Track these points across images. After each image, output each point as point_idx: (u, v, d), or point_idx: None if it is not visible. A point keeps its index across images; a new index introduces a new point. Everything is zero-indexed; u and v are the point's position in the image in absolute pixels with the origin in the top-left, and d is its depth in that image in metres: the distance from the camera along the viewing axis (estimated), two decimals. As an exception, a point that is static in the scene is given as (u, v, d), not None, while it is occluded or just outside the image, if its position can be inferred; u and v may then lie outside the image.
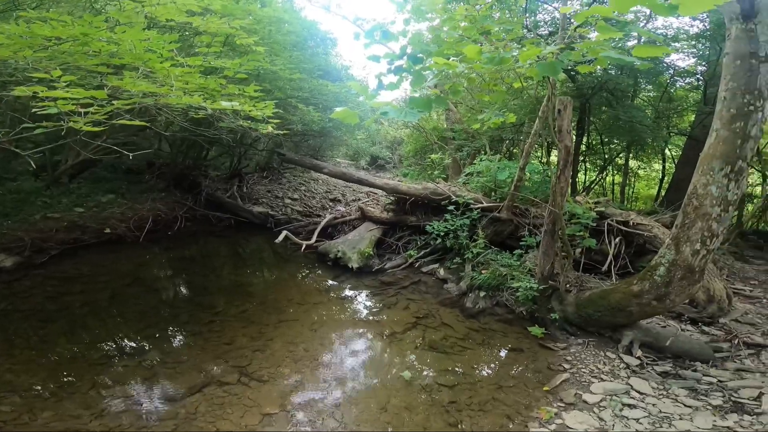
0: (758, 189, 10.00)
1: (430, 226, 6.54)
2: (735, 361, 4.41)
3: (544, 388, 3.85)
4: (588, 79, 8.23)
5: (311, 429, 3.14)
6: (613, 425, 3.37)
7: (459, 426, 3.31)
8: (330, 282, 6.17)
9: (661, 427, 3.36)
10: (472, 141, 9.27)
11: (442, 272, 6.38)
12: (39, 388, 3.38)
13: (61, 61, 2.65)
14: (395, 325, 4.89)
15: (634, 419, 3.45)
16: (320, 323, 4.85)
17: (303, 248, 6.54)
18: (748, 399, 3.76)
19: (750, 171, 9.32)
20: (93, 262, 6.11)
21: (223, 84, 3.41)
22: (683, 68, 9.19)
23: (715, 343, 4.66)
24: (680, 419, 3.45)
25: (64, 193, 7.23)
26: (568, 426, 3.34)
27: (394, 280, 6.24)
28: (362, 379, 3.88)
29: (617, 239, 5.65)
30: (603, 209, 5.95)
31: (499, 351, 4.54)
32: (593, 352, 4.47)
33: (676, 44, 8.47)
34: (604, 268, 5.59)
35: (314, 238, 6.99)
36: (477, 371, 4.12)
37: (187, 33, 5.37)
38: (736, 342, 4.67)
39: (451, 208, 6.44)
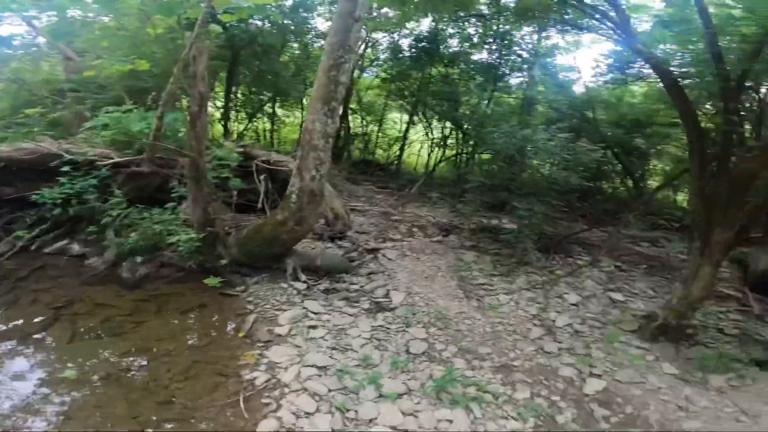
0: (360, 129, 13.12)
1: (39, 195, 5.01)
2: (365, 267, 5.43)
3: (240, 335, 3.91)
4: (243, 34, 8.33)
5: None
6: (308, 348, 3.71)
7: (173, 400, 3.04)
8: None
9: (342, 339, 3.90)
10: (102, 91, 7.60)
11: (76, 247, 5.17)
12: None
13: None
14: (25, 327, 3.83)
15: (321, 338, 3.89)
16: None
17: None
18: (382, 298, 4.72)
19: (356, 115, 12.28)
20: None
21: None
22: (322, 31, 10.60)
23: (348, 254, 5.70)
24: (351, 327, 4.09)
25: None
26: (275, 362, 3.52)
27: (4, 273, 4.65)
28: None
29: (263, 177, 6.22)
30: (248, 150, 6.33)
31: (182, 313, 4.29)
32: (269, 287, 4.75)
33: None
34: (259, 205, 6.09)
35: None
36: (165, 342, 3.78)
37: None
38: (360, 250, 5.83)
39: (66, 169, 5.13)
